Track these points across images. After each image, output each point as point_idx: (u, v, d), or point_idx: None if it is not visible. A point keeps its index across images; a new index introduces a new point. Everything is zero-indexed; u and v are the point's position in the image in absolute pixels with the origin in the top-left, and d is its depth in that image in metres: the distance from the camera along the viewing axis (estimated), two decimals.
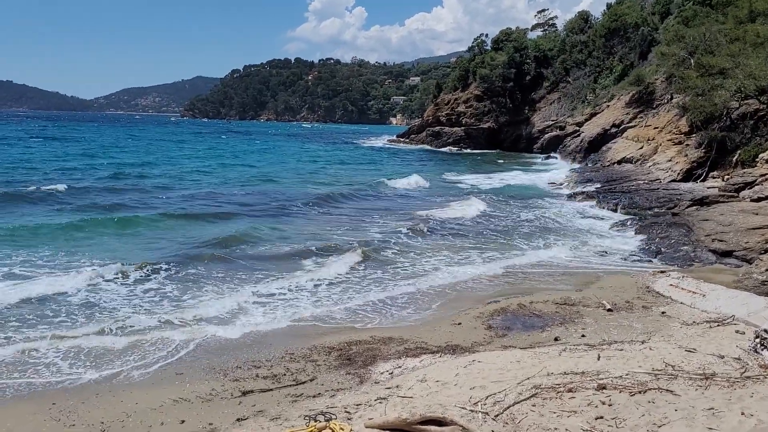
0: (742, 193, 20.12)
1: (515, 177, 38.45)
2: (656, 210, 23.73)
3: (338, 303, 12.09)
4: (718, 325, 10.01)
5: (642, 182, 29.05)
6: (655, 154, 33.58)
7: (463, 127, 69.10)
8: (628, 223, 21.38)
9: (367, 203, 26.26)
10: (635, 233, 19.76)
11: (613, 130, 46.41)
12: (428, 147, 69.54)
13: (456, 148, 67.14)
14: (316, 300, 12.26)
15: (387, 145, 76.90)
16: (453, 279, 13.97)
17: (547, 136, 59.96)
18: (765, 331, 8.95)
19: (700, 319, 10.56)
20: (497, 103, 67.77)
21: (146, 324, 10.30)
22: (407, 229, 19.22)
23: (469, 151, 66.02)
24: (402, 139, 79.50)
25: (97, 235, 16.90)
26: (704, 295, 11.75)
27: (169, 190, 27.91)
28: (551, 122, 61.49)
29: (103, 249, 15.21)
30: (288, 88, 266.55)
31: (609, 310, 11.39)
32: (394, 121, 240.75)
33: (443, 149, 67.30)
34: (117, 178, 30.94)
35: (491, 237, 19.14)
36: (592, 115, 53.38)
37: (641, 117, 43.28)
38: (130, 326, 10.16)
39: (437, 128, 71.40)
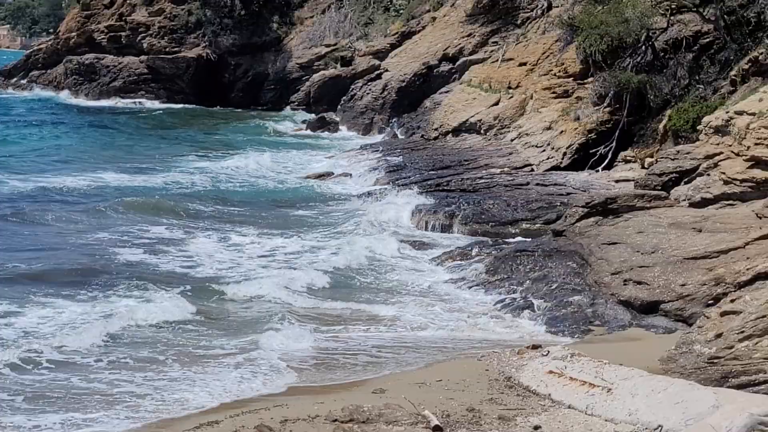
0: (675, 191, 22.04)
1: (250, 162, 39.38)
2: (525, 226, 25.11)
3: None
4: None
5: (499, 171, 30.83)
6: (521, 115, 35.63)
7: (144, 57, 68.94)
8: (473, 252, 22.44)
9: None
10: (485, 272, 20.75)
11: (445, 67, 49.04)
12: (66, 97, 68.52)
13: (130, 101, 66.94)
14: None
15: None
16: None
17: (316, 77, 61.42)
18: None
19: None
20: (216, 8, 68.22)
21: None
22: None
23: (157, 105, 66.49)
24: (10, 81, 76.41)
25: None
26: (610, 390, 12.47)
27: None
28: (325, 49, 63.21)
29: None
30: None
31: (436, 428, 11.68)
32: None
33: (100, 102, 66.93)
34: None
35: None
36: (405, 36, 55.81)
37: (495, 42, 46.15)
38: None
39: (89, 57, 70.47)
